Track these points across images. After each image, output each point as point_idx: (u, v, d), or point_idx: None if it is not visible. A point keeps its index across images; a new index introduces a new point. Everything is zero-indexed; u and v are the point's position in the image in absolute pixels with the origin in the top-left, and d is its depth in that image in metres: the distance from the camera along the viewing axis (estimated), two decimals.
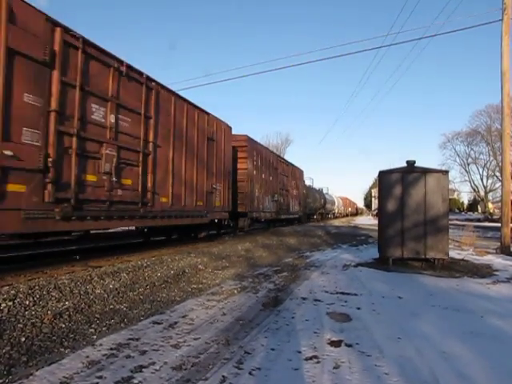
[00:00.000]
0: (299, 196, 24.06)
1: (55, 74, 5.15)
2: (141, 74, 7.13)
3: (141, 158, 7.05)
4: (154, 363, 2.68)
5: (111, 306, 4.15)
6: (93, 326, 3.51)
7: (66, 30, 5.39)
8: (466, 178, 54.81)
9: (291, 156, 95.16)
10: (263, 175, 15.83)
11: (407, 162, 7.64)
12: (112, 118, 6.31)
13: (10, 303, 3.75)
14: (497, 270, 7.22)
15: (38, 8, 4.99)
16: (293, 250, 10.47)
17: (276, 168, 18.05)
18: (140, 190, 7.03)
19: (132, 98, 6.87)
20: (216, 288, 5.24)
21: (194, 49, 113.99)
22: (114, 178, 6.26)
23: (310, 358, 2.82)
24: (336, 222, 33.94)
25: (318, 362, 2.75)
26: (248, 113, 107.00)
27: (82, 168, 5.66)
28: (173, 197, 8.20)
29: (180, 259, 7.10)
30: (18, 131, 4.62)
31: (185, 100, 8.84)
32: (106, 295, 4.50)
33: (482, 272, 6.99)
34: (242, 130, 12.33)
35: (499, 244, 10.60)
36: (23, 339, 3.05)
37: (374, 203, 71.84)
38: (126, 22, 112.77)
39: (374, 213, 56.70)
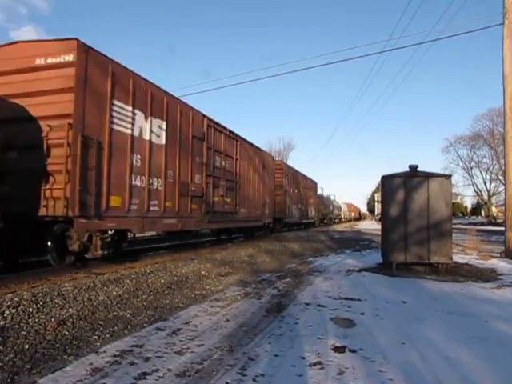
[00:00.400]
0: (315, 204, 28.91)
1: (204, 144, 9.59)
2: (234, 133, 11.63)
3: (234, 185, 11.49)
4: (157, 370, 2.68)
5: (115, 313, 4.15)
6: (96, 333, 3.51)
7: (209, 118, 9.85)
8: (469, 182, 54.50)
9: (294, 161, 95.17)
10: (291, 189, 20.95)
11: (410, 166, 7.63)
12: (223, 163, 10.79)
13: (14, 310, 3.75)
14: (501, 274, 7.17)
15: (199, 110, 9.40)
16: (296, 255, 10.46)
17: (299, 183, 23.30)
18: (234, 204, 11.47)
19: (230, 149, 11.34)
20: (219, 294, 5.24)
21: (194, 54, 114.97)
22: (224, 198, 10.71)
23: (314, 364, 2.81)
24: (339, 227, 33.92)
25: (321, 368, 2.74)
26: (250, 118, 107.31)
27: (212, 193, 10.01)
28: (247, 208, 12.71)
29: (183, 265, 7.09)
30: (193, 176, 9.01)
31: (252, 145, 13.58)
32: (109, 302, 4.50)
33: (487, 276, 6.94)
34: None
35: (503, 248, 10.53)
36: (27, 346, 3.05)
37: (377, 208, 71.64)
38: (127, 28, 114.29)
39: (377, 217, 56.53)
